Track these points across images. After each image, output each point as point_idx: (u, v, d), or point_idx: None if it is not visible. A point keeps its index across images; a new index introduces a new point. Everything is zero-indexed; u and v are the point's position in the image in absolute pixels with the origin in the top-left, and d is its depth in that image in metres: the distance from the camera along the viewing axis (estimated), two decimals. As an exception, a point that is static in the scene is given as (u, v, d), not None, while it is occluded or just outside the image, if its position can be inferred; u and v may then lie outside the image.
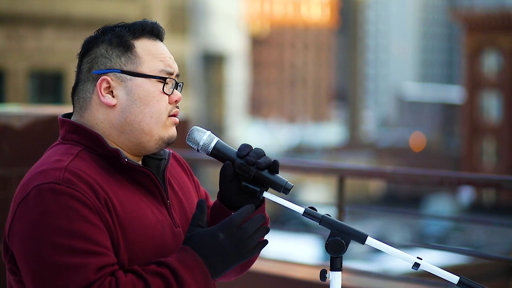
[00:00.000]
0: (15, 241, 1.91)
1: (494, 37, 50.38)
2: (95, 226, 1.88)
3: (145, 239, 1.97)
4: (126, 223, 1.94)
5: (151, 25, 2.08)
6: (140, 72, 2.03)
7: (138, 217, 1.97)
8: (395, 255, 1.98)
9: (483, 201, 47.91)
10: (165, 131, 2.05)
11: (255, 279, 4.73)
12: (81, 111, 2.05)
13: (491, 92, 50.79)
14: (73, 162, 1.95)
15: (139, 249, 1.95)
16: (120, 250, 1.92)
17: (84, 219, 1.87)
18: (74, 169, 1.93)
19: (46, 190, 1.88)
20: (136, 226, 1.96)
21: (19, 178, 4.25)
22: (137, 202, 1.99)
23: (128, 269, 1.90)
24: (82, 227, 1.86)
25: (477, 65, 51.08)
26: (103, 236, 1.89)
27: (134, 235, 1.95)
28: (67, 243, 1.84)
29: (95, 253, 1.85)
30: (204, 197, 2.29)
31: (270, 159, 2.02)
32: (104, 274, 1.85)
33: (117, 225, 1.92)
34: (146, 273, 1.87)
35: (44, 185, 1.89)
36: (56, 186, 1.88)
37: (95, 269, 1.83)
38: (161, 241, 1.99)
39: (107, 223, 1.91)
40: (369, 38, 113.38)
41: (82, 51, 2.07)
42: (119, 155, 1.98)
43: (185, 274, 1.87)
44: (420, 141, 74.79)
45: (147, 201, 2.02)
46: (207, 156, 2.11)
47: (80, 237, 1.85)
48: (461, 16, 54.38)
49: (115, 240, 1.92)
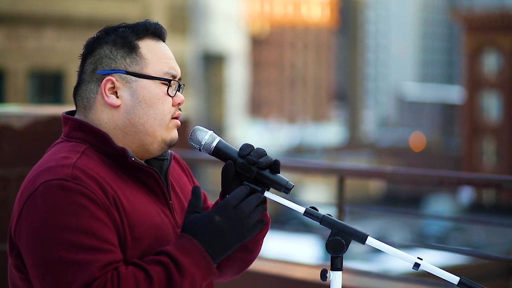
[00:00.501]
0: (22, 237, 1.91)
1: (494, 37, 50.39)
2: (103, 223, 1.89)
3: (151, 238, 1.97)
4: (134, 221, 1.95)
5: (154, 26, 2.08)
6: (145, 74, 2.03)
7: (145, 216, 1.98)
8: (395, 255, 1.98)
9: (483, 201, 47.93)
10: (168, 133, 2.06)
11: (255, 279, 4.74)
12: (85, 111, 2.05)
13: (491, 92, 50.80)
14: (80, 159, 1.95)
15: (145, 247, 1.96)
16: (127, 247, 1.93)
17: (92, 216, 1.88)
18: (82, 166, 1.93)
19: (54, 186, 1.89)
20: (143, 225, 1.97)
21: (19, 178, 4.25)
22: (143, 201, 2.00)
23: (128, 262, 1.91)
24: (89, 224, 1.87)
25: (477, 65, 51.09)
26: (110, 233, 1.89)
27: (141, 233, 1.96)
28: (75, 240, 1.85)
29: (102, 250, 1.86)
30: (203, 198, 2.29)
31: (271, 158, 2.02)
32: (108, 271, 1.85)
33: (125, 223, 1.93)
34: (145, 263, 1.88)
35: (52, 181, 1.89)
36: (65, 182, 1.89)
37: (101, 265, 1.84)
38: (166, 240, 2.00)
39: (114, 221, 1.91)
40: (369, 38, 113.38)
41: (85, 52, 2.07)
42: (126, 153, 1.99)
43: (185, 260, 1.88)
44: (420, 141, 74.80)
45: (151, 201, 2.03)
46: (207, 156, 2.12)
47: (87, 233, 1.86)
48: (461, 16, 54.39)
49: (122, 237, 1.93)
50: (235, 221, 1.92)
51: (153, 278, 1.85)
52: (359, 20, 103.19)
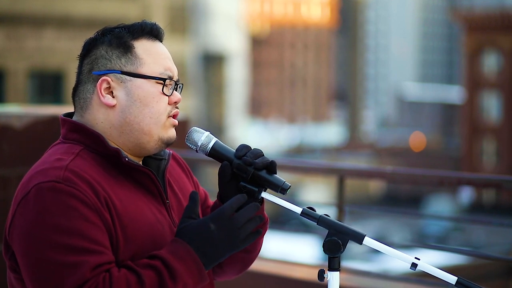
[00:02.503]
0: (15, 238, 1.93)
1: (494, 37, 50.37)
2: (94, 225, 1.89)
3: (144, 238, 1.98)
4: (126, 222, 1.95)
5: (150, 26, 2.09)
6: (140, 73, 2.04)
7: (138, 216, 1.99)
8: (393, 256, 1.98)
9: (483, 201, 47.90)
10: (165, 132, 2.06)
11: (255, 279, 4.74)
12: (82, 111, 2.07)
13: (491, 92, 50.78)
14: (74, 161, 1.96)
15: (138, 248, 1.96)
16: (120, 249, 1.94)
17: (83, 217, 1.88)
18: (75, 168, 1.94)
19: (46, 188, 1.90)
20: (136, 225, 1.97)
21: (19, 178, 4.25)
22: (137, 202, 2.01)
23: (121, 265, 1.91)
24: (81, 226, 1.88)
25: (477, 65, 51.07)
26: (102, 235, 1.90)
27: (134, 234, 1.96)
28: (66, 241, 1.86)
29: (93, 252, 1.87)
30: (203, 197, 2.30)
31: (267, 159, 2.03)
32: (99, 272, 1.86)
33: (117, 224, 1.94)
34: (138, 266, 1.89)
35: (44, 183, 1.91)
36: (56, 184, 1.90)
37: (92, 267, 1.85)
38: (160, 240, 2.01)
39: (106, 222, 1.92)
40: (369, 38, 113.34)
41: (83, 53, 2.09)
42: (120, 154, 2.00)
43: (177, 265, 1.88)
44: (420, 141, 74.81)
45: (146, 200, 2.04)
46: (206, 156, 2.12)
47: (78, 235, 1.87)
48: (461, 16, 54.37)
49: (114, 239, 1.93)
50: (228, 231, 1.93)
51: (145, 282, 1.86)
52: (359, 20, 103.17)
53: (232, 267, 2.22)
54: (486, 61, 51.09)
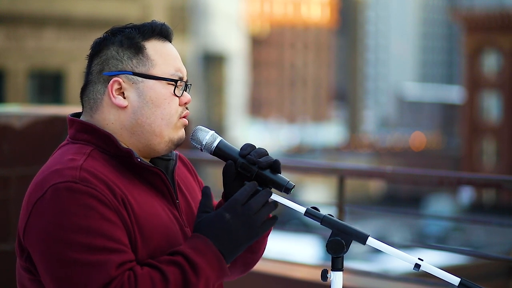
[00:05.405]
0: (32, 241, 1.91)
1: (494, 37, 50.39)
2: (113, 224, 1.89)
3: (160, 237, 1.98)
4: (143, 221, 1.95)
5: (160, 27, 2.09)
6: (152, 74, 2.03)
7: (153, 215, 1.99)
8: (396, 256, 1.97)
9: (483, 201, 47.92)
10: (175, 132, 2.06)
11: (256, 279, 4.73)
12: (92, 112, 2.06)
13: (491, 92, 50.80)
14: (87, 161, 1.95)
15: (155, 247, 1.96)
16: (138, 247, 1.94)
17: (102, 217, 1.88)
18: (89, 168, 1.94)
19: (63, 189, 1.89)
20: (152, 224, 1.97)
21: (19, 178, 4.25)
22: (150, 201, 2.01)
23: (143, 263, 1.91)
24: (100, 225, 1.87)
25: (477, 65, 51.09)
26: (121, 234, 1.90)
27: (151, 233, 1.96)
28: (87, 241, 1.85)
29: (115, 250, 1.86)
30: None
31: (271, 158, 2.03)
32: (123, 271, 1.86)
33: (134, 223, 1.94)
34: (160, 263, 1.89)
35: (61, 183, 1.89)
36: (74, 184, 1.89)
37: (115, 266, 1.85)
38: (175, 240, 2.01)
39: (124, 221, 1.92)
40: (369, 38, 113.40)
41: (92, 53, 2.07)
42: (132, 155, 1.99)
43: (199, 260, 1.88)
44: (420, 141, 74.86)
45: (158, 200, 2.04)
46: (208, 156, 2.12)
47: (99, 234, 1.86)
48: (461, 16, 54.39)
49: (133, 237, 1.93)
50: (244, 218, 1.93)
51: (169, 279, 1.86)
52: (359, 20, 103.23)
53: (236, 267, 2.21)
54: (486, 61, 51.11)
